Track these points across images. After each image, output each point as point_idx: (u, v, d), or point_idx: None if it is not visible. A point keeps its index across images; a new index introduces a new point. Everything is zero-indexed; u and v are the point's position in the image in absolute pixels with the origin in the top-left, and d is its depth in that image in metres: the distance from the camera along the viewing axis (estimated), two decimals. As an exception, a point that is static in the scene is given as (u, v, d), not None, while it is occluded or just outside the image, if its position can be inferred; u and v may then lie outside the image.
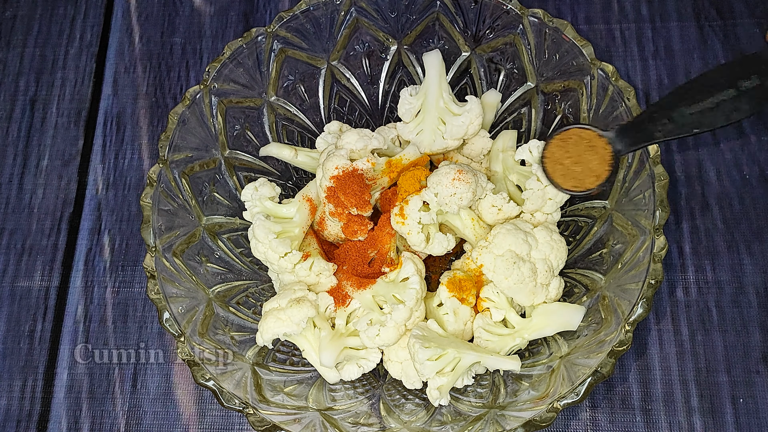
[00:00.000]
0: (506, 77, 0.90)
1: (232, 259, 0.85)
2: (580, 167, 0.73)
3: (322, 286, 0.82)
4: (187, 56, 1.07)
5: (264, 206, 0.84)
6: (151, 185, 0.78)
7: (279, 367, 0.81)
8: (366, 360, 0.81)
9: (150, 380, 0.89)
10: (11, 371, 0.91)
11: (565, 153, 0.73)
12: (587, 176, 0.73)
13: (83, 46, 1.09)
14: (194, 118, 0.83)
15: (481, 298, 0.80)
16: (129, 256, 0.96)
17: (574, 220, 0.85)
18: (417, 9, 0.88)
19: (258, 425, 0.70)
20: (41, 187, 1.01)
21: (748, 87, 0.65)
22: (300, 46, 0.88)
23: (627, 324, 0.70)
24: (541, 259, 0.78)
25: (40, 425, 0.89)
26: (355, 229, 0.82)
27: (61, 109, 1.05)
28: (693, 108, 0.67)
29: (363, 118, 0.96)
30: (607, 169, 0.72)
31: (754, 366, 0.84)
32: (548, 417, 0.68)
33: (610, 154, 0.72)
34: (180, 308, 0.76)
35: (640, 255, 0.73)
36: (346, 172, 0.80)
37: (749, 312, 0.86)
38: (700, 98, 0.66)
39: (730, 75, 0.65)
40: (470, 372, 0.78)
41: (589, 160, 0.73)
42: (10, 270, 0.97)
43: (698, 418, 0.83)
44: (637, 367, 0.85)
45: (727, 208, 0.91)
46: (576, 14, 1.04)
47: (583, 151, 0.73)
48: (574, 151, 0.73)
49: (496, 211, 0.82)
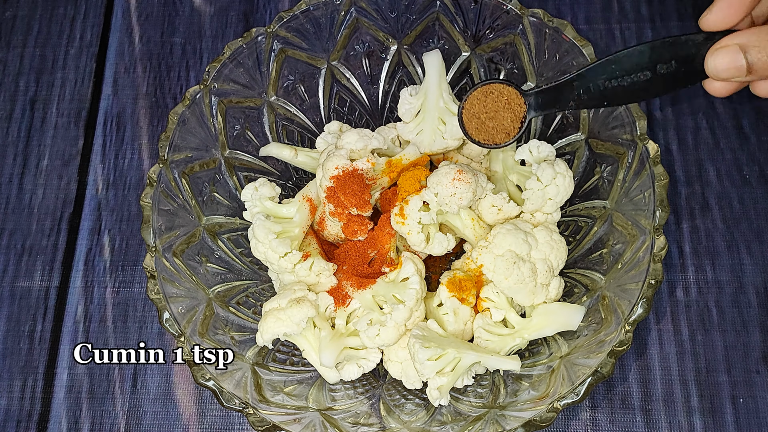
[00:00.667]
0: (506, 77, 0.90)
1: (232, 259, 0.85)
2: (494, 123, 0.74)
3: (322, 286, 0.82)
4: (187, 56, 1.07)
5: (264, 206, 0.84)
6: (151, 185, 0.78)
7: (279, 367, 0.81)
8: (366, 360, 0.81)
9: (150, 380, 0.89)
10: (11, 371, 0.91)
11: (483, 107, 0.74)
12: (499, 132, 0.74)
13: (83, 46, 1.09)
14: (194, 118, 0.83)
15: (481, 298, 0.80)
16: (129, 256, 0.96)
17: (574, 220, 0.85)
18: (417, 9, 0.88)
19: (258, 425, 0.70)
20: (41, 187, 1.01)
21: (665, 71, 0.65)
22: (300, 46, 0.88)
23: (627, 324, 0.70)
24: (541, 259, 0.78)
25: (40, 425, 0.89)
26: (355, 229, 0.82)
27: (61, 109, 1.05)
28: (610, 83, 0.68)
29: (363, 118, 0.96)
30: (518, 127, 0.74)
31: (754, 366, 0.84)
32: (548, 417, 0.68)
33: (524, 113, 0.73)
34: (180, 308, 0.76)
35: (640, 255, 0.73)
36: (346, 172, 0.80)
37: (749, 312, 0.86)
38: (619, 75, 0.67)
39: (651, 56, 0.64)
40: (470, 372, 0.78)
41: (504, 117, 0.74)
42: (10, 270, 0.97)
43: (698, 418, 0.83)
44: (637, 367, 0.85)
45: (727, 208, 0.91)
46: (576, 14, 1.04)
47: (501, 108, 0.74)
48: (491, 107, 0.74)
49: (496, 211, 0.82)
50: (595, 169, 0.83)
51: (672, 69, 0.64)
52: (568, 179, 0.81)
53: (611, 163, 0.81)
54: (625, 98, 0.68)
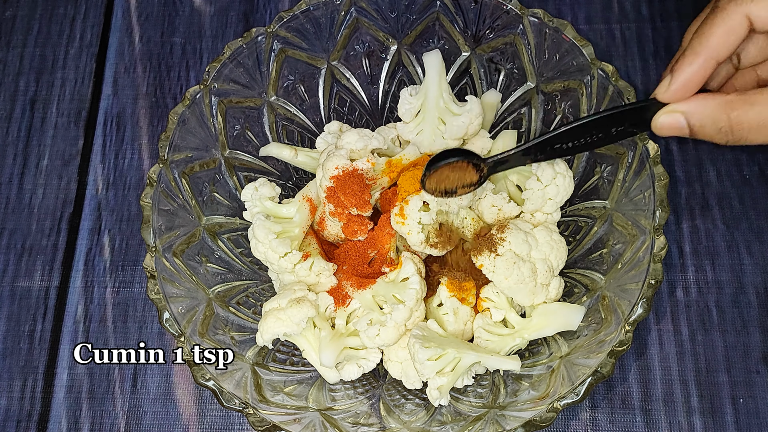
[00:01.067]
0: (506, 77, 0.90)
1: (232, 259, 0.85)
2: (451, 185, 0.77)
3: (322, 286, 0.82)
4: (187, 56, 1.07)
5: (264, 206, 0.84)
6: (151, 185, 0.78)
7: (279, 367, 0.81)
8: (366, 360, 0.81)
9: (150, 380, 0.89)
10: (11, 371, 0.91)
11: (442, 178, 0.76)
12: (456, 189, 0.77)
13: (83, 46, 1.09)
14: (194, 118, 0.83)
15: (481, 298, 0.80)
16: (129, 256, 0.96)
17: (574, 220, 0.85)
18: (417, 9, 0.88)
19: (258, 425, 0.70)
20: (41, 187, 1.01)
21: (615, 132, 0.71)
22: (300, 46, 0.88)
23: (627, 324, 0.70)
24: (541, 259, 0.78)
25: (40, 425, 0.89)
26: (355, 229, 0.82)
27: (61, 109, 1.05)
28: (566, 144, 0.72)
29: (363, 118, 0.96)
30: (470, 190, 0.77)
31: (754, 366, 0.84)
32: (548, 417, 0.68)
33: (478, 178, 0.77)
34: (180, 308, 0.76)
35: (640, 255, 0.73)
36: (346, 172, 0.80)
37: (749, 312, 0.86)
38: (576, 137, 0.71)
39: (608, 122, 0.69)
40: (470, 372, 0.78)
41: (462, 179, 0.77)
42: (10, 270, 0.97)
43: (698, 418, 0.83)
44: (637, 367, 0.85)
45: (727, 208, 0.91)
46: (576, 14, 1.04)
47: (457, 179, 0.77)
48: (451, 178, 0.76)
49: (496, 211, 0.82)
50: (595, 169, 0.83)
51: (624, 128, 0.70)
52: (568, 179, 0.81)
53: (611, 163, 0.81)
54: (575, 152, 0.74)
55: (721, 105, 0.63)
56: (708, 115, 0.64)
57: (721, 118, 0.63)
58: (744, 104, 0.62)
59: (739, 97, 0.62)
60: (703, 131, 0.64)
